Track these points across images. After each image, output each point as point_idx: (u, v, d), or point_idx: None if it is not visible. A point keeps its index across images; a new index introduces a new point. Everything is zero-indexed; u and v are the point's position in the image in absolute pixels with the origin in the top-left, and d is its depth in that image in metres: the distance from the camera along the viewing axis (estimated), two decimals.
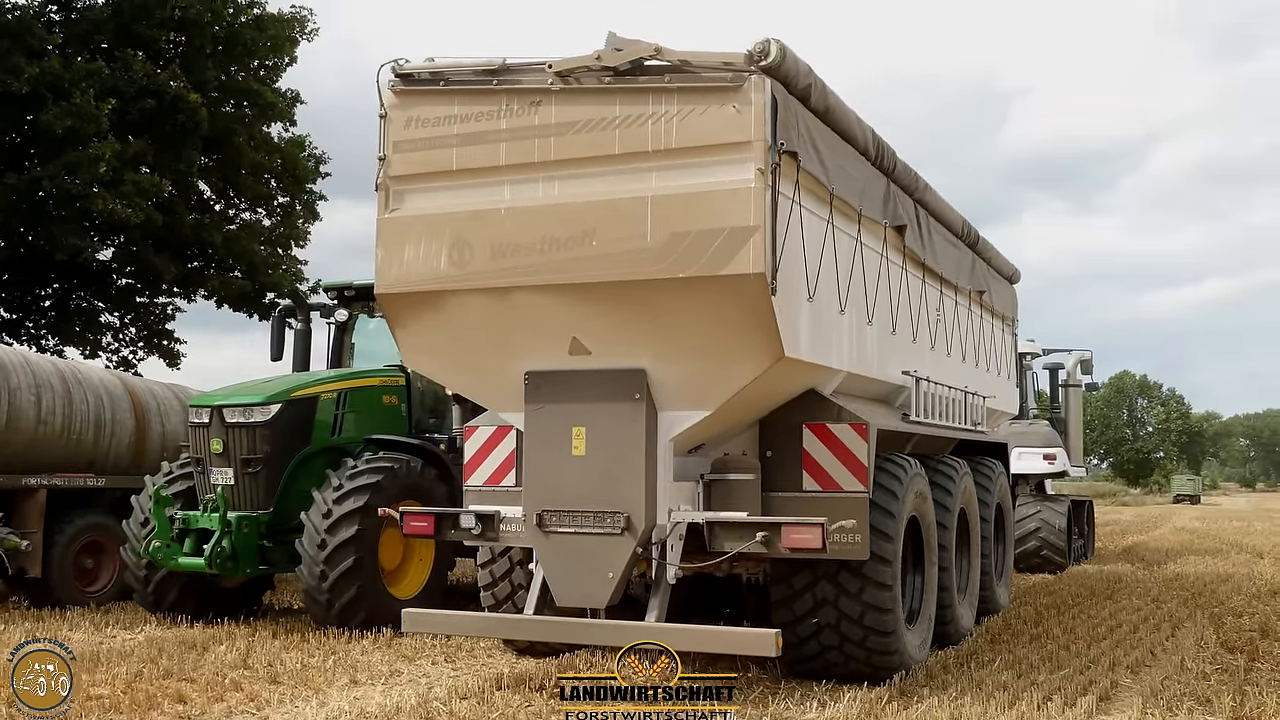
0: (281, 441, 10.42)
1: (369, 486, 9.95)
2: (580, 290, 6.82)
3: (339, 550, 9.67)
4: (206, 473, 10.44)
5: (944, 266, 9.89)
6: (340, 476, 10.01)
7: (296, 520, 10.36)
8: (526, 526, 7.21)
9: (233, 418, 10.35)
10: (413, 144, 7.28)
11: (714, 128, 6.53)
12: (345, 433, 11.01)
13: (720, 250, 6.43)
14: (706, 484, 7.42)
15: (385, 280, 7.31)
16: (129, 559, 10.59)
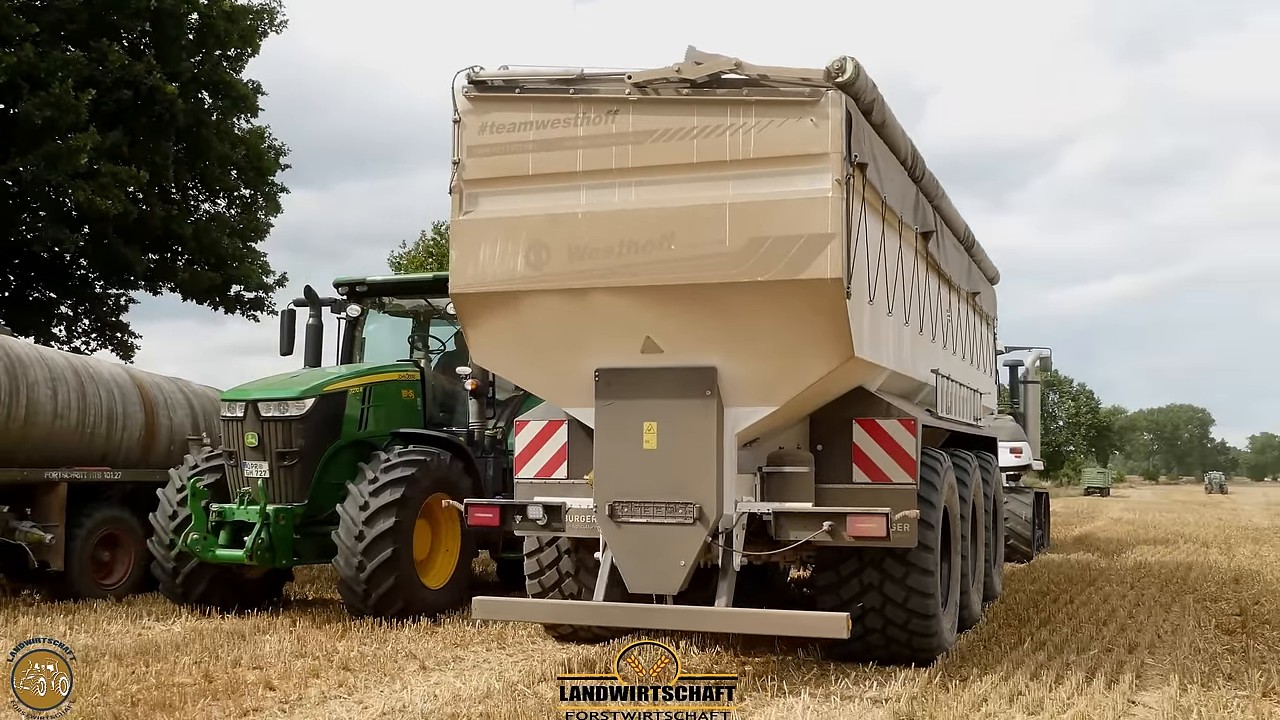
0: (314, 435, 10.53)
1: (404, 480, 10.10)
2: (657, 292, 7.07)
3: (377, 542, 9.80)
4: (240, 466, 10.48)
5: (953, 270, 10.32)
6: (375, 469, 10.14)
7: (327, 512, 10.47)
8: (598, 517, 7.45)
9: (268, 412, 10.43)
10: (487, 149, 7.46)
11: (792, 140, 6.82)
12: (370, 427, 11.14)
13: (799, 255, 6.72)
14: (764, 476, 7.71)
15: (460, 280, 7.49)
16: (157, 551, 10.60)
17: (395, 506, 9.93)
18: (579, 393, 7.60)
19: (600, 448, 7.46)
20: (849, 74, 6.75)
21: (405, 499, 10.02)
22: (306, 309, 12.61)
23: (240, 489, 10.40)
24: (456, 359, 12.57)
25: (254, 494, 10.26)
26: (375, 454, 10.48)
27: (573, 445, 8.35)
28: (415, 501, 10.19)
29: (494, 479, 11.61)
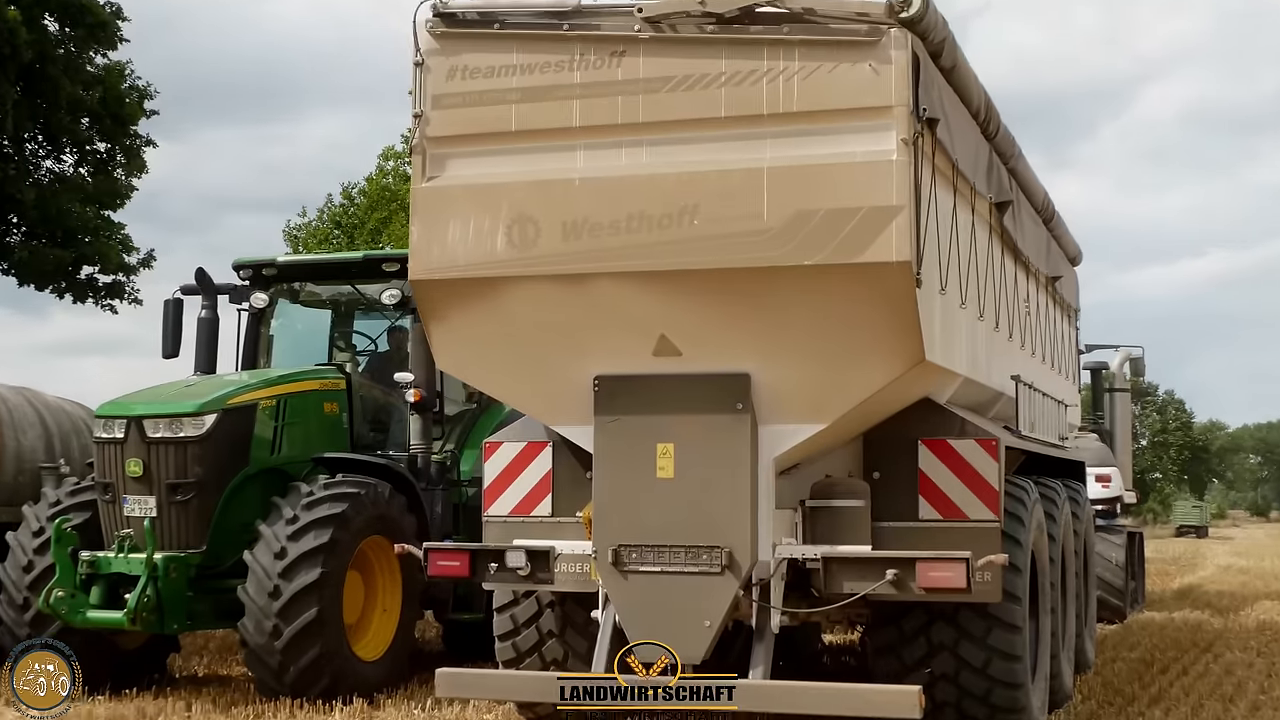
0: (216, 462, 10.80)
1: (332, 519, 10.37)
2: (675, 279, 7.40)
3: (297, 600, 10.07)
4: (118, 501, 10.73)
5: (1030, 249, 10.73)
6: (294, 506, 10.41)
7: (231, 562, 10.73)
8: (598, 565, 7.76)
9: (156, 431, 10.67)
10: (459, 99, 7.78)
11: (846, 89, 7.17)
12: (285, 451, 11.43)
13: (856, 234, 7.08)
14: (808, 511, 8.06)
15: (424, 263, 7.80)
16: (6, 614, 10.79)
17: (321, 554, 10.21)
18: (572, 406, 7.92)
19: (601, 477, 7.78)
20: (916, 8, 7.11)
21: (334, 544, 10.30)
22: (198, 298, 12.86)
23: (118, 532, 10.63)
24: (391, 362, 12.87)
25: (137, 538, 10.49)
26: (294, 486, 10.75)
27: (559, 473, 8.66)
28: (346, 547, 10.49)
29: (442, 517, 11.92)
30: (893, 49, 7.11)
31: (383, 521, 10.88)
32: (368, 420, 12.58)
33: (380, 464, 11.30)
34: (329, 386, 12.04)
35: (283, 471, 11.33)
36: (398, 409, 12.74)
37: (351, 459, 11.33)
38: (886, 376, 7.45)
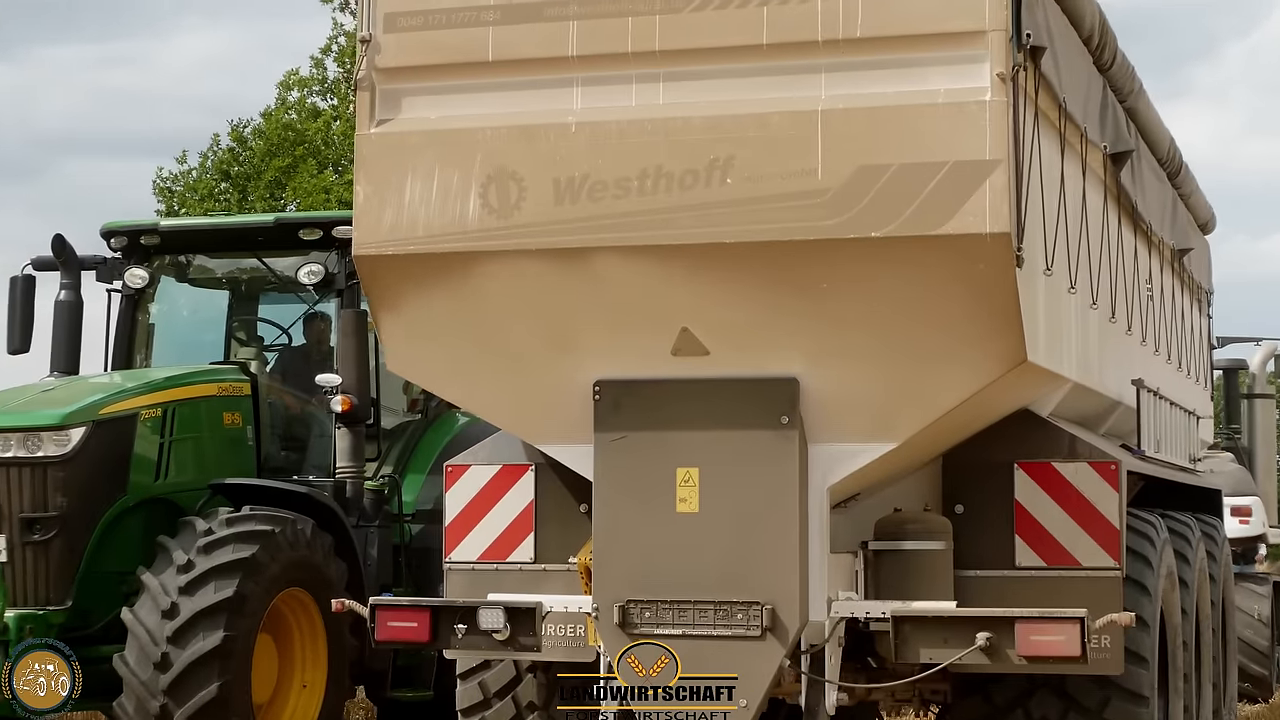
0: (84, 490, 11.03)
1: (239, 565, 10.62)
2: (701, 255, 7.61)
3: (192, 673, 10.31)
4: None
5: (1153, 214, 11.01)
6: (188, 549, 10.63)
7: (104, 621, 10.95)
8: (599, 627, 7.97)
9: (6, 450, 10.90)
10: (418, 19, 7.98)
11: (925, 9, 7.39)
12: (172, 475, 11.65)
13: (938, 197, 7.29)
14: (870, 557, 8.29)
15: (371, 233, 7.99)
16: None
17: (224, 612, 10.45)
18: (564, 420, 8.14)
19: (604, 512, 8.00)
20: None
21: (240, 599, 10.54)
22: (56, 275, 13.05)
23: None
24: (308, 359, 13.11)
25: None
26: (187, 522, 10.98)
27: (544, 506, 8.92)
28: (257, 603, 10.74)
29: (379, 563, 12.14)
30: None
31: (303, 569, 11.14)
32: (278, 435, 12.83)
33: (300, 493, 11.53)
34: (229, 391, 12.29)
35: (170, 502, 11.60)
36: (318, 420, 12.99)
37: (262, 486, 11.60)
38: (976, 382, 7.66)
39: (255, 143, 32.85)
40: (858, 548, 8.35)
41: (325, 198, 30.52)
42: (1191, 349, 13.31)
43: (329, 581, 11.25)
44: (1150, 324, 10.96)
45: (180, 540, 10.78)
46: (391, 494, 12.53)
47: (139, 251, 13.03)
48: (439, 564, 12.08)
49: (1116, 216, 9.86)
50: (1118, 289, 9.82)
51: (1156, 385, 10.26)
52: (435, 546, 12.25)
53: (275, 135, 32.28)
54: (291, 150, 32.10)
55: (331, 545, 11.41)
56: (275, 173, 31.92)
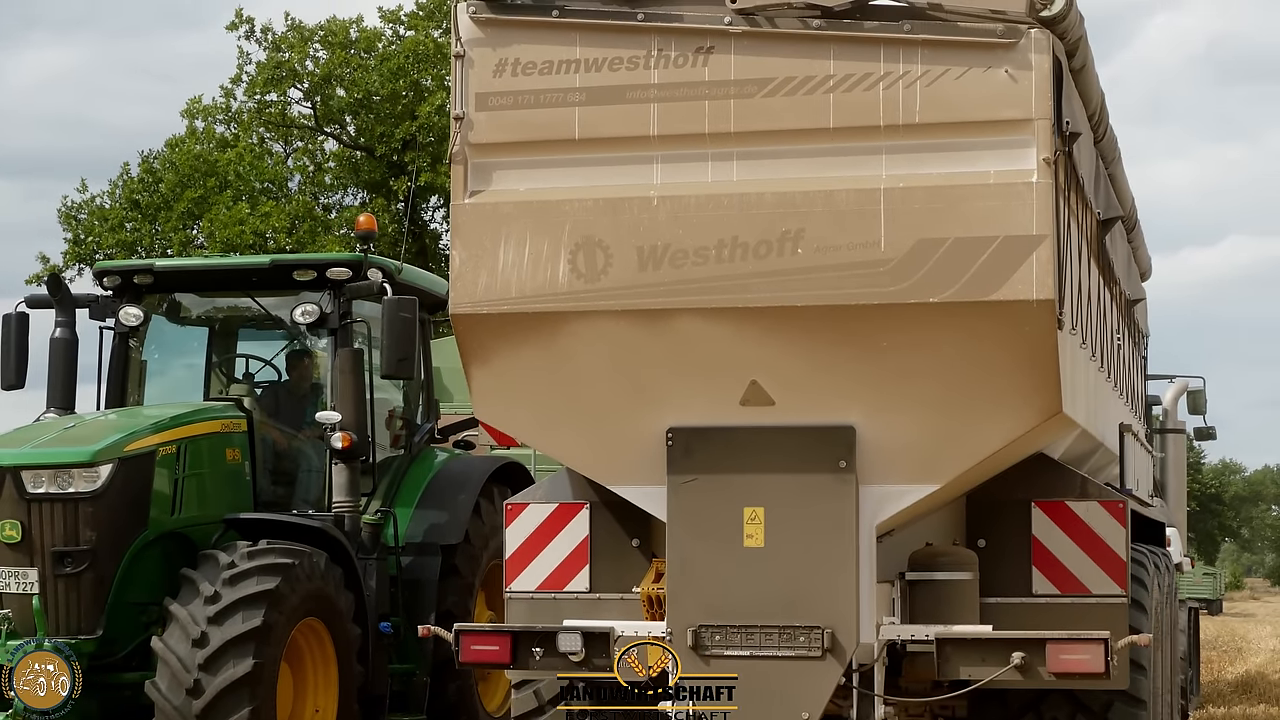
0: (114, 524, 11.86)
1: (263, 597, 11.50)
2: (773, 317, 8.79)
3: (224, 700, 11.18)
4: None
5: (1120, 269, 12.38)
6: (213, 580, 11.52)
7: (127, 650, 11.82)
8: (675, 649, 9.11)
9: (38, 486, 11.71)
10: (509, 99, 9.07)
11: (977, 98, 8.62)
12: (186, 510, 12.53)
13: (990, 267, 8.54)
14: (906, 586, 9.51)
15: (467, 294, 9.06)
16: None
17: (253, 641, 11.33)
18: (638, 464, 9.24)
19: (677, 546, 9.12)
20: (1060, 5, 8.60)
21: (267, 628, 11.43)
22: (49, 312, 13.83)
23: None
24: (292, 396, 14.03)
25: (17, 621, 11.50)
26: (209, 555, 11.84)
27: (598, 540, 9.98)
28: (281, 632, 11.65)
29: (377, 593, 13.09)
30: (1033, 52, 8.55)
31: (318, 599, 12.04)
32: (269, 470, 13.67)
33: (313, 527, 12.39)
34: (230, 428, 13.13)
35: (184, 536, 12.44)
36: (306, 456, 13.90)
37: (274, 521, 12.44)
38: (1015, 431, 8.92)
39: (165, 173, 33.30)
40: (895, 578, 9.50)
41: (240, 229, 31.10)
42: (1138, 390, 14.70)
43: (340, 611, 12.16)
44: (1119, 371, 12.31)
45: (204, 572, 11.58)
46: (386, 527, 13.38)
47: (131, 290, 13.76)
48: (430, 594, 13.21)
49: (1099, 275, 11.18)
50: (1100, 340, 11.12)
51: (1135, 428, 11.59)
52: (425, 578, 13.39)
53: (186, 166, 32.80)
54: (203, 181, 32.65)
55: (341, 577, 12.30)
56: (187, 203, 32.43)
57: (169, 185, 33.09)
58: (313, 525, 12.48)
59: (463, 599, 13.71)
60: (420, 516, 13.73)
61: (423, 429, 14.59)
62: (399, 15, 34.78)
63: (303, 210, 32.88)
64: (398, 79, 32.42)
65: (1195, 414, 21.03)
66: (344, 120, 34.63)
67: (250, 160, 32.98)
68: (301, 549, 11.99)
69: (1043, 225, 8.52)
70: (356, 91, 32.53)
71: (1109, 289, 11.89)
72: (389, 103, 32.45)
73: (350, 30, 34.42)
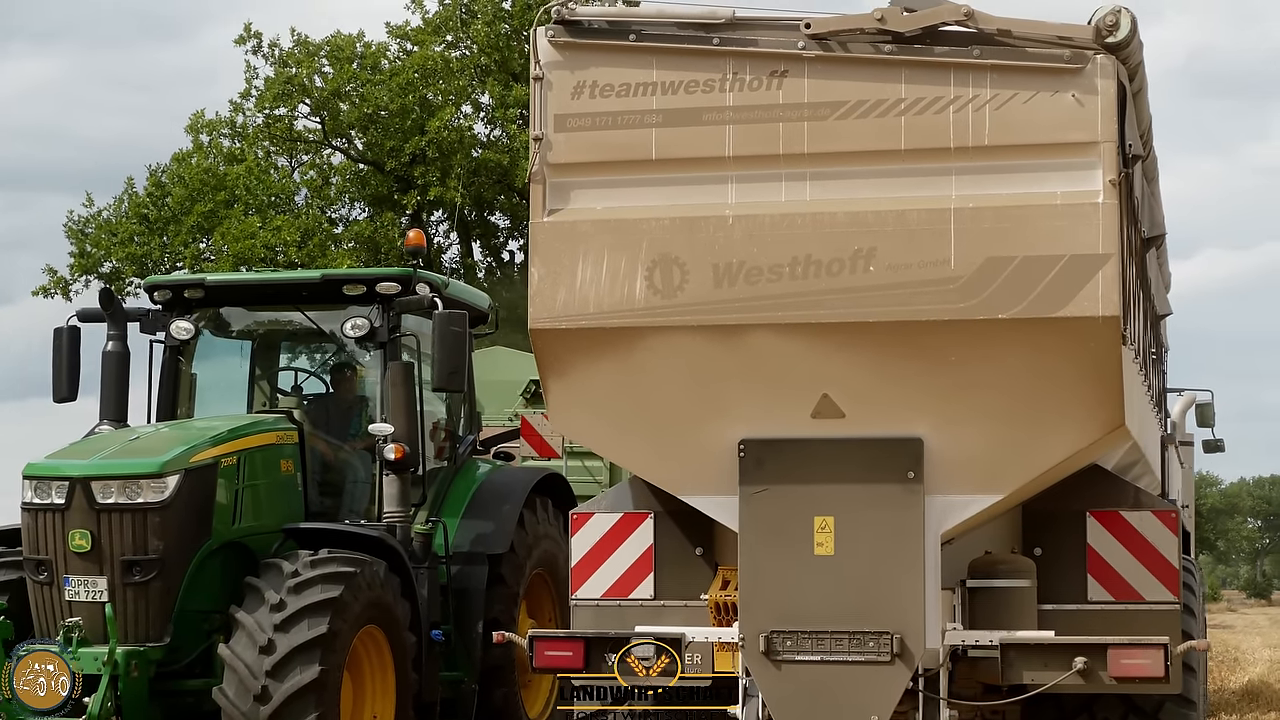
0: (180, 534, 12.10)
1: (328, 605, 11.70)
2: (846, 332, 9.08)
3: (291, 706, 11.36)
4: (58, 583, 11.96)
5: (1156, 285, 12.68)
6: (278, 589, 11.74)
7: (190, 658, 12.06)
8: (746, 654, 9.39)
9: (108, 497, 11.94)
10: (586, 120, 9.36)
11: (1045, 122, 8.92)
12: (245, 520, 12.77)
13: (1057, 285, 8.83)
14: (968, 593, 9.80)
15: (546, 309, 9.35)
16: None
17: (318, 648, 11.51)
18: (709, 475, 9.52)
19: (749, 554, 9.40)
20: (1124, 32, 8.90)
21: (332, 635, 11.62)
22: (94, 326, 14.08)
23: (63, 621, 11.83)
24: (338, 408, 14.30)
25: (87, 628, 11.72)
26: (272, 564, 12.05)
27: (662, 549, 10.28)
28: (344, 640, 11.85)
29: (428, 602, 13.33)
30: (1099, 78, 8.86)
31: (377, 608, 12.22)
32: (317, 481, 13.91)
33: (371, 537, 12.63)
34: (284, 440, 13.34)
35: (242, 545, 12.67)
36: (351, 467, 14.15)
37: (332, 530, 12.66)
38: (1077, 443, 9.22)
39: (174, 188, 33.51)
40: (955, 585, 9.79)
41: (251, 243, 31.33)
42: (1164, 403, 15.01)
43: (398, 619, 12.38)
44: (1155, 385, 12.63)
45: (268, 581, 11.77)
46: (436, 537, 13.62)
47: (181, 304, 14.01)
48: (478, 602, 13.47)
49: (1141, 290, 11.49)
50: (1144, 355, 11.43)
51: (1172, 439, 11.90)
52: (473, 586, 13.63)
53: (196, 180, 33.02)
54: (213, 195, 32.88)
55: (399, 585, 12.54)
56: (198, 218, 32.66)
57: (176, 199, 33.27)
58: (371, 535, 12.67)
59: (508, 607, 13.93)
60: (466, 526, 13.96)
61: (466, 441, 14.82)
62: (406, 30, 35.01)
63: (313, 224, 33.05)
64: (407, 94, 32.61)
65: (1204, 426, 21.37)
66: (350, 135, 34.81)
67: (257, 175, 33.18)
68: (362, 558, 12.16)
69: (1108, 244, 8.82)
70: (366, 106, 32.69)
71: (1147, 302, 12.20)
72: (398, 118, 32.62)
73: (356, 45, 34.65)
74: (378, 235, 33.00)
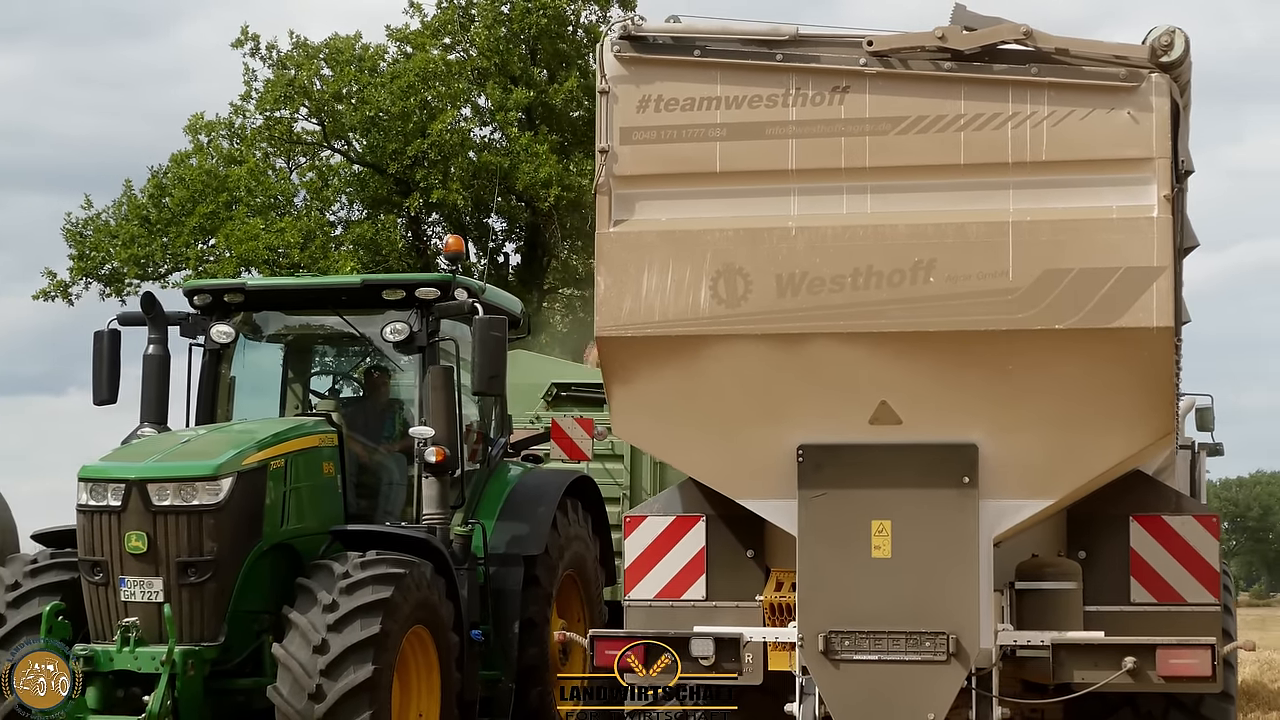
0: (234, 535, 12.26)
1: (379, 605, 11.84)
2: (906, 341, 9.35)
3: (345, 704, 11.45)
4: (113, 583, 12.13)
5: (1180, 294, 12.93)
6: (330, 590, 11.92)
7: (240, 658, 12.24)
8: (804, 653, 9.65)
9: (164, 499, 12.09)
10: (652, 133, 9.61)
11: (1100, 138, 9.20)
12: (292, 521, 12.94)
13: (1112, 296, 9.11)
14: (1016, 594, 10.06)
15: (612, 317, 9.59)
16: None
17: (371, 648, 11.64)
18: (768, 479, 9.78)
19: (807, 556, 9.66)
20: (1178, 52, 9.18)
21: (384, 635, 11.74)
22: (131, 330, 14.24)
23: (121, 621, 11.99)
24: (371, 411, 14.48)
25: (142, 628, 11.88)
26: (321, 565, 12.19)
27: (714, 551, 10.52)
28: (395, 640, 11.95)
29: (468, 603, 13.51)
30: (1154, 95, 9.15)
31: (425, 608, 12.32)
32: (353, 483, 14.07)
33: (418, 538, 12.82)
34: (325, 443, 13.47)
35: (289, 547, 12.82)
36: (386, 469, 14.32)
37: (378, 532, 12.83)
38: (1129, 449, 9.50)
39: (176, 190, 33.58)
40: (1004, 586, 10.05)
41: (254, 244, 31.48)
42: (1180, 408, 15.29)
43: (443, 620, 12.52)
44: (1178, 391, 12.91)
45: (319, 581, 11.89)
46: (474, 538, 13.78)
47: (221, 309, 14.14)
48: (514, 603, 13.67)
49: None
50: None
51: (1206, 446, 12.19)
52: (509, 587, 13.82)
53: (198, 182, 33.12)
54: (215, 197, 32.99)
55: (444, 586, 12.72)
56: (200, 219, 32.76)
57: (176, 201, 33.35)
58: (417, 537, 12.83)
59: (542, 608, 14.09)
60: (501, 528, 14.10)
61: (498, 443, 14.98)
62: (406, 33, 35.16)
63: (315, 225, 33.19)
64: (408, 97, 32.77)
65: (1204, 430, 21.65)
66: (349, 137, 34.94)
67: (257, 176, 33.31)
68: (410, 559, 12.28)
69: (1162, 257, 9.12)
70: (368, 109, 32.83)
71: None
72: (399, 120, 32.78)
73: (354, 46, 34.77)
74: (379, 237, 33.08)
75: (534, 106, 34.46)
